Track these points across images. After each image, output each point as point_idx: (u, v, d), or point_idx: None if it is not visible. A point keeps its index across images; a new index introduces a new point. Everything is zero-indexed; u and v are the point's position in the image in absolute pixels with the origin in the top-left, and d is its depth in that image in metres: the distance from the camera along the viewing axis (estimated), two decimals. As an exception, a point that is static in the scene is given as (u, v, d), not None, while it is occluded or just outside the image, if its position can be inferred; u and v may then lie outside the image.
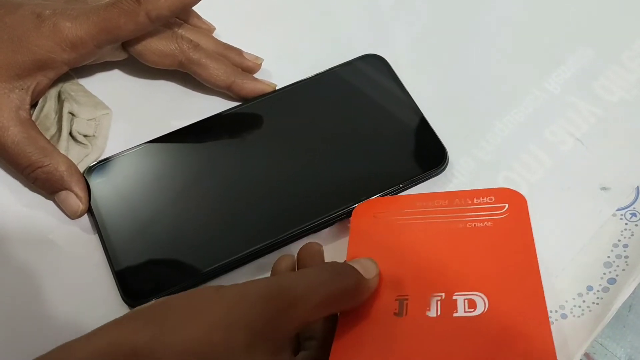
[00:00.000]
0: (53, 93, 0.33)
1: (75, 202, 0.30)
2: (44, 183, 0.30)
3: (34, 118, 0.32)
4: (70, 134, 0.32)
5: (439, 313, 0.25)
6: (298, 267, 0.28)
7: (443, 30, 0.38)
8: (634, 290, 0.31)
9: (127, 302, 0.29)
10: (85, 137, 0.33)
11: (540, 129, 0.35)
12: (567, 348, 0.29)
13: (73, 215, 0.31)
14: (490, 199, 0.29)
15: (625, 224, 0.32)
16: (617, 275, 0.31)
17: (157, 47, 0.33)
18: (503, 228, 0.28)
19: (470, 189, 0.30)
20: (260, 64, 0.36)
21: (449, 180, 0.33)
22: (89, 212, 0.31)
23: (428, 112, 0.34)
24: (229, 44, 0.36)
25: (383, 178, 0.32)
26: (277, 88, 0.35)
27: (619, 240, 0.32)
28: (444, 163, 0.32)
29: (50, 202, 0.31)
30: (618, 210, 0.33)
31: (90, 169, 0.31)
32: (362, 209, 0.30)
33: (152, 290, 0.28)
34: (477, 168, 0.34)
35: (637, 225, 0.32)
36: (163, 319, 0.21)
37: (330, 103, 0.34)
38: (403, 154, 0.33)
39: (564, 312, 0.30)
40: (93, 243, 0.30)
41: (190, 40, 0.33)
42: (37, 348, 0.28)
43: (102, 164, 0.32)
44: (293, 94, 0.34)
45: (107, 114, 0.34)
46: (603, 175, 0.33)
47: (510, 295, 0.25)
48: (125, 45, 0.33)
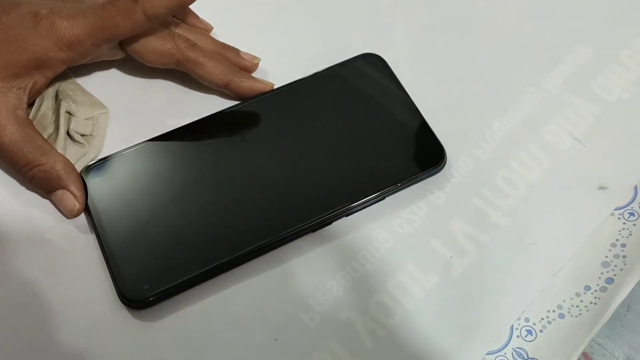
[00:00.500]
0: (50, 92, 0.33)
1: (72, 201, 0.30)
2: (41, 182, 0.30)
3: (32, 117, 0.32)
4: (68, 133, 0.32)
5: None
6: None
7: (441, 30, 0.38)
8: (632, 290, 0.31)
9: (123, 301, 0.29)
10: (83, 136, 0.33)
11: (539, 128, 0.35)
12: (564, 348, 0.29)
13: (69, 215, 0.31)
14: None
15: (624, 224, 0.32)
16: (615, 275, 0.31)
17: (154, 46, 0.33)
18: None
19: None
20: (258, 63, 0.35)
21: (447, 180, 0.33)
22: (86, 211, 0.31)
23: (426, 111, 0.34)
24: (226, 44, 0.36)
25: (381, 177, 0.32)
26: (274, 87, 0.35)
27: (617, 240, 0.32)
28: (442, 162, 0.32)
29: (47, 201, 0.31)
30: (616, 210, 0.33)
31: (88, 169, 0.31)
32: None
33: (148, 290, 0.28)
34: (475, 167, 0.34)
35: (635, 225, 0.32)
36: None
37: (328, 102, 0.34)
38: (401, 153, 0.33)
39: (562, 312, 0.30)
40: (90, 243, 0.30)
41: (188, 39, 0.33)
42: (33, 347, 0.28)
43: (99, 164, 0.32)
44: (291, 93, 0.34)
45: (104, 113, 0.34)
46: (601, 175, 0.33)
47: None
48: (123, 44, 0.33)
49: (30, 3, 0.31)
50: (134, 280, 0.28)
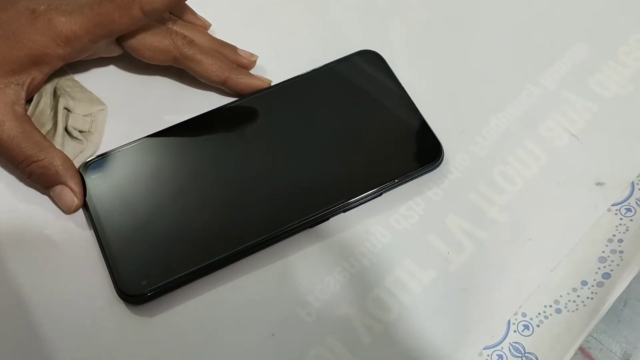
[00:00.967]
0: (49, 89, 0.33)
1: (70, 196, 0.30)
2: (39, 177, 0.30)
3: (30, 114, 0.32)
4: (66, 130, 0.32)
5: None
6: None
7: (439, 26, 0.38)
8: (630, 286, 0.31)
9: (121, 297, 0.29)
10: (81, 132, 0.33)
11: (536, 125, 0.35)
12: (561, 343, 0.30)
13: (68, 210, 0.31)
14: None
15: (620, 219, 0.32)
16: (611, 270, 0.31)
17: (151, 42, 0.33)
18: None
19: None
20: (255, 61, 0.36)
21: (445, 176, 0.33)
22: (84, 207, 0.31)
23: (424, 107, 0.34)
24: (224, 41, 0.36)
25: (378, 173, 0.32)
26: (272, 84, 0.35)
27: (614, 235, 0.32)
28: (440, 158, 0.33)
29: (46, 197, 0.31)
30: (613, 206, 0.33)
31: (86, 165, 0.31)
32: None
33: (146, 285, 0.28)
34: (472, 163, 0.34)
35: (632, 220, 0.32)
36: None
37: (326, 99, 0.34)
38: (398, 150, 0.33)
39: (559, 307, 0.30)
40: (88, 239, 0.30)
41: (185, 36, 0.33)
42: (31, 341, 0.28)
43: (97, 160, 0.32)
44: (288, 90, 0.34)
45: (102, 110, 0.34)
46: (598, 171, 0.34)
47: None
48: (120, 41, 0.33)
49: (28, 0, 0.31)
50: (132, 276, 0.28)
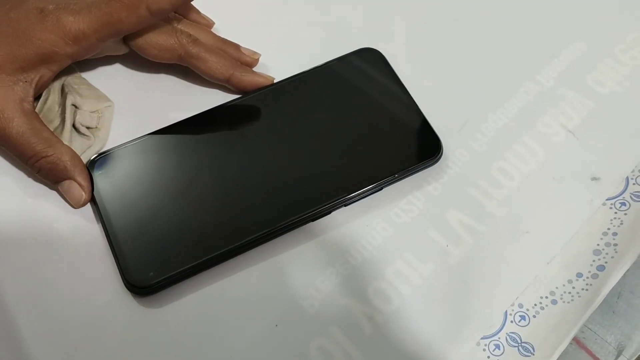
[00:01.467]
0: (57, 86, 0.34)
1: (79, 191, 0.31)
2: (48, 173, 0.31)
3: (38, 110, 0.33)
4: (74, 126, 0.33)
5: None
6: None
7: (438, 24, 0.39)
8: (624, 278, 0.32)
9: (129, 288, 0.29)
10: (89, 128, 0.33)
11: (534, 121, 0.36)
12: (557, 333, 0.30)
13: (76, 205, 0.31)
14: None
15: (615, 213, 0.33)
16: (606, 263, 0.32)
17: (157, 41, 0.33)
18: None
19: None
20: (258, 59, 0.36)
21: (444, 171, 0.34)
22: (92, 202, 0.31)
23: (424, 104, 0.34)
24: (227, 39, 0.36)
25: (379, 168, 0.32)
26: (275, 81, 0.35)
27: (609, 229, 0.33)
28: (439, 154, 0.33)
29: (54, 192, 0.32)
30: (608, 200, 0.33)
31: (93, 160, 0.32)
32: None
33: (153, 277, 0.29)
34: (471, 159, 0.34)
35: (626, 214, 0.33)
36: None
37: (327, 96, 0.35)
38: (398, 146, 0.33)
39: (554, 298, 0.31)
40: (96, 232, 0.31)
41: (190, 35, 0.34)
42: (40, 334, 0.29)
43: (104, 155, 0.32)
44: (291, 87, 0.35)
45: (109, 107, 0.34)
46: (594, 166, 0.34)
47: None
48: (127, 40, 0.33)
49: (37, -1, 0.31)
50: (139, 268, 0.29)
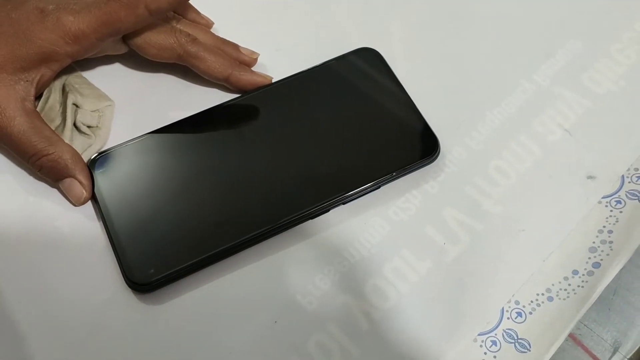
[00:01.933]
0: (57, 85, 0.34)
1: (79, 189, 0.31)
2: (49, 171, 0.31)
3: (39, 109, 0.33)
4: (75, 125, 0.33)
5: None
6: None
7: (436, 24, 0.39)
8: (619, 275, 0.32)
9: (129, 285, 0.30)
10: (89, 127, 0.34)
11: (530, 120, 0.36)
12: (553, 329, 0.31)
13: (77, 202, 0.32)
14: None
15: (610, 211, 0.33)
16: (601, 260, 0.32)
17: (156, 40, 0.34)
18: None
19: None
20: (256, 59, 0.36)
21: (441, 169, 0.34)
22: (93, 200, 0.32)
23: (421, 103, 0.35)
24: (226, 39, 0.37)
25: (377, 167, 0.33)
26: (273, 81, 0.36)
27: (604, 227, 0.33)
28: (436, 152, 0.33)
29: (55, 190, 0.32)
30: (604, 198, 0.34)
31: (94, 159, 0.32)
32: None
33: (153, 274, 0.29)
34: (468, 157, 0.35)
35: (621, 212, 0.33)
36: None
37: (326, 95, 0.35)
38: (396, 144, 0.34)
39: (551, 295, 0.31)
40: (97, 229, 0.31)
41: (189, 35, 0.34)
42: (41, 331, 0.29)
43: (105, 154, 0.33)
44: (289, 87, 0.35)
45: (110, 106, 0.35)
46: (590, 165, 0.34)
47: None
48: (126, 39, 0.34)
49: (38, -1, 0.32)
50: (140, 265, 0.29)
